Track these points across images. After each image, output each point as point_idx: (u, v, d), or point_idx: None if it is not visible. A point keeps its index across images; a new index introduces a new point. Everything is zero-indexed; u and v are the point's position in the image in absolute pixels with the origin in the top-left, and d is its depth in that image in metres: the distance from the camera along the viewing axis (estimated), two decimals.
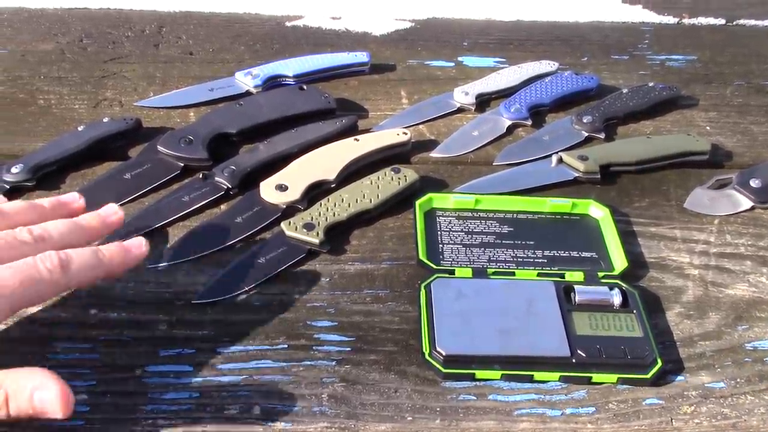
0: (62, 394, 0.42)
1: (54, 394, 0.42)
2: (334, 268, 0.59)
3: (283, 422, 0.48)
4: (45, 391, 0.42)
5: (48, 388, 0.42)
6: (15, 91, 0.78)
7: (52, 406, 0.42)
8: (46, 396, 0.42)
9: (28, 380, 0.42)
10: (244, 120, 0.71)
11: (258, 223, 0.61)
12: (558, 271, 0.58)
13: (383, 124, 0.75)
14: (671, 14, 1.03)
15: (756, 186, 0.67)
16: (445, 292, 0.55)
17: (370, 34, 0.94)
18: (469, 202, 0.64)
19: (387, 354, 0.52)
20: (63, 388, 0.42)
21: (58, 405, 0.42)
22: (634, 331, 0.53)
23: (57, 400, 0.42)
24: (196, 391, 0.49)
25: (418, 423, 0.48)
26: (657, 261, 0.61)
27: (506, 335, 0.52)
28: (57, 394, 0.42)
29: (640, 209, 0.67)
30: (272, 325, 0.54)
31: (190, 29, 0.92)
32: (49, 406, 0.42)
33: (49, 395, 0.42)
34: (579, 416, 0.49)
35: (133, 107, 0.76)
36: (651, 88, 0.80)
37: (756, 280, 0.60)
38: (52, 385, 0.42)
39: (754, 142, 0.77)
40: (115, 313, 0.54)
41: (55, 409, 0.42)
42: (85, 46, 0.87)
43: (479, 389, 0.50)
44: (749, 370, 0.53)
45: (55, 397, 0.42)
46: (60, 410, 0.42)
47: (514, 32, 0.97)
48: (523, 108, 0.76)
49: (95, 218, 0.53)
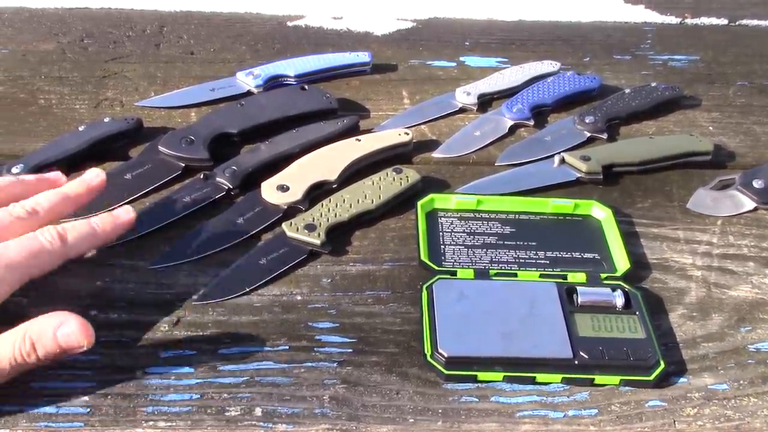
0: (82, 325, 0.46)
1: (74, 327, 0.46)
2: (335, 269, 0.59)
3: (285, 424, 0.47)
4: (66, 326, 0.46)
5: (68, 324, 0.46)
6: (16, 91, 0.78)
7: (75, 338, 0.46)
8: (68, 330, 0.46)
9: (49, 322, 0.46)
10: (246, 120, 0.71)
11: (259, 223, 0.61)
12: (560, 272, 0.58)
13: (385, 125, 0.75)
14: (673, 14, 1.03)
15: (759, 187, 0.67)
16: (447, 294, 0.55)
17: (372, 34, 0.94)
18: (471, 203, 0.64)
19: (389, 356, 0.52)
20: (81, 320, 0.46)
21: (80, 336, 0.46)
22: (636, 333, 0.53)
23: (78, 332, 0.46)
24: (197, 393, 0.49)
25: (419, 425, 0.48)
26: (660, 262, 0.61)
27: (508, 337, 0.52)
28: (77, 327, 0.46)
29: (643, 210, 0.66)
30: (273, 326, 0.54)
31: (191, 29, 0.92)
32: (73, 339, 0.46)
33: (70, 329, 0.46)
34: (581, 418, 0.49)
35: (134, 107, 0.76)
36: (653, 89, 0.80)
37: (759, 282, 0.60)
38: (72, 320, 0.46)
39: (757, 142, 0.77)
40: (116, 314, 0.54)
41: (79, 340, 0.46)
42: (86, 46, 0.87)
43: (481, 391, 0.50)
44: (752, 372, 0.52)
45: (76, 330, 0.46)
46: (83, 340, 0.46)
47: (515, 32, 0.97)
48: (525, 108, 0.76)
49: (80, 185, 0.57)
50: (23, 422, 0.46)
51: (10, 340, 0.46)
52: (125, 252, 0.59)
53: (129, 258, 0.58)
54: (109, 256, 0.58)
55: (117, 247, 0.59)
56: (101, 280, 0.56)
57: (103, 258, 0.58)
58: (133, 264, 0.58)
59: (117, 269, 0.57)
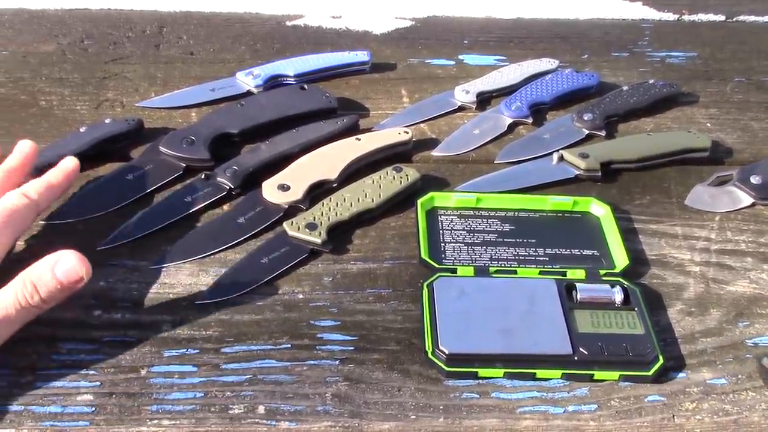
0: (78, 258, 0.48)
1: (71, 261, 0.48)
2: (336, 268, 0.59)
3: (288, 421, 0.48)
4: (62, 262, 0.48)
5: (64, 259, 0.48)
6: (17, 93, 0.78)
7: (74, 271, 0.48)
8: (65, 265, 0.48)
9: (46, 262, 0.48)
10: (246, 120, 0.72)
11: (260, 223, 0.62)
12: (560, 269, 0.59)
13: (384, 123, 0.76)
14: (671, 11, 1.03)
15: (756, 182, 0.67)
16: (447, 291, 0.55)
17: (371, 33, 0.94)
18: (470, 201, 0.64)
19: (390, 353, 0.53)
20: (77, 253, 0.48)
21: (78, 268, 0.48)
22: (635, 329, 0.53)
23: (76, 265, 0.48)
24: (200, 391, 0.49)
25: (421, 421, 0.48)
26: (658, 258, 0.62)
27: (508, 333, 0.52)
28: (74, 260, 0.48)
29: (641, 206, 0.67)
30: (275, 324, 0.54)
31: (190, 29, 0.92)
32: (72, 273, 0.48)
33: (67, 264, 0.48)
34: (581, 413, 0.49)
35: (134, 108, 0.76)
36: (651, 86, 0.81)
37: (757, 277, 0.60)
38: (67, 255, 0.48)
39: (754, 138, 0.77)
40: (119, 314, 0.54)
41: (78, 271, 0.48)
42: (86, 47, 0.87)
43: (482, 387, 0.51)
44: (750, 367, 0.53)
45: (73, 263, 0.48)
46: (82, 271, 0.48)
47: (514, 30, 0.97)
48: (523, 106, 0.77)
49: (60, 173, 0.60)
50: (29, 422, 0.47)
51: (12, 288, 0.48)
52: (128, 252, 0.59)
53: (131, 258, 0.59)
54: (112, 257, 0.59)
55: (120, 248, 0.59)
56: (104, 281, 0.56)
57: (106, 258, 0.58)
58: (135, 264, 0.58)
59: (120, 269, 0.58)
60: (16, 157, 0.60)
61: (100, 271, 0.57)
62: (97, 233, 0.60)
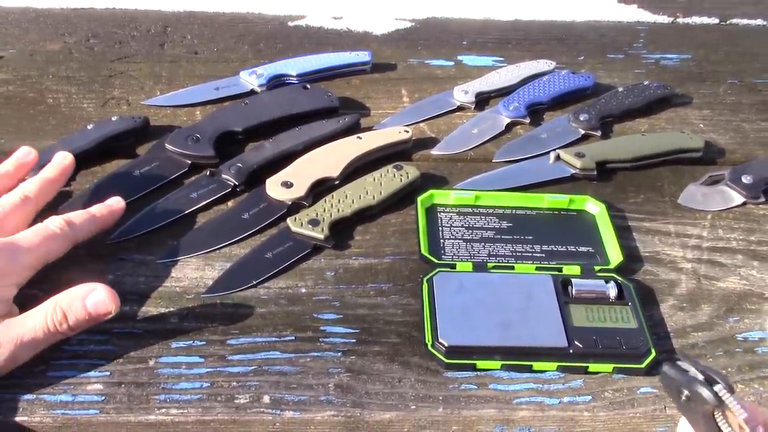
0: (109, 293, 0.50)
1: (102, 294, 0.50)
2: (338, 263, 0.61)
3: (292, 411, 0.49)
4: (94, 295, 0.50)
5: (96, 292, 0.50)
6: (24, 90, 0.79)
7: (103, 305, 0.50)
8: (97, 298, 0.50)
9: (78, 292, 0.50)
10: (250, 118, 0.73)
11: (264, 219, 0.63)
12: (556, 265, 0.60)
13: (385, 123, 0.77)
14: (666, 14, 1.05)
15: (747, 182, 0.69)
16: (446, 286, 0.57)
17: (371, 34, 0.96)
18: (469, 198, 0.66)
19: (391, 345, 0.54)
20: (108, 288, 0.50)
21: (108, 302, 0.50)
22: (629, 323, 0.55)
23: (106, 299, 0.50)
24: (207, 381, 0.51)
25: (421, 411, 0.50)
26: (651, 255, 0.63)
27: (506, 327, 0.54)
28: (105, 295, 0.50)
29: (635, 205, 0.68)
30: (280, 317, 0.56)
31: (194, 29, 0.93)
32: (101, 306, 0.50)
33: (98, 297, 0.50)
34: (576, 404, 0.51)
35: (140, 106, 0.78)
36: (646, 87, 0.82)
37: (747, 273, 0.62)
38: (99, 288, 0.50)
39: (746, 139, 0.79)
40: (128, 307, 0.55)
41: (107, 306, 0.50)
42: (91, 46, 0.88)
43: (480, 379, 0.52)
44: (740, 360, 0.55)
45: (104, 297, 0.50)
46: (111, 306, 0.50)
47: (512, 32, 0.98)
48: (521, 106, 0.78)
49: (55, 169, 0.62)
50: (41, 410, 0.48)
51: (42, 312, 0.49)
52: (135, 247, 0.61)
53: (139, 253, 0.60)
54: (120, 251, 0.60)
55: (127, 242, 0.61)
56: (113, 274, 0.58)
57: (114, 252, 0.60)
58: (143, 258, 0.60)
59: (128, 264, 0.59)
60: (54, 169, 0.62)
61: (109, 265, 0.59)
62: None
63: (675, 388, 0.42)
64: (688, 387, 0.41)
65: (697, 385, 0.41)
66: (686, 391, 0.42)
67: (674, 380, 0.42)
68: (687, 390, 0.41)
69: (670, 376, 0.43)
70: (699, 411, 0.41)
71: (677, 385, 0.42)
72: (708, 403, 0.40)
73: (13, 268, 0.52)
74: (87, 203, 0.63)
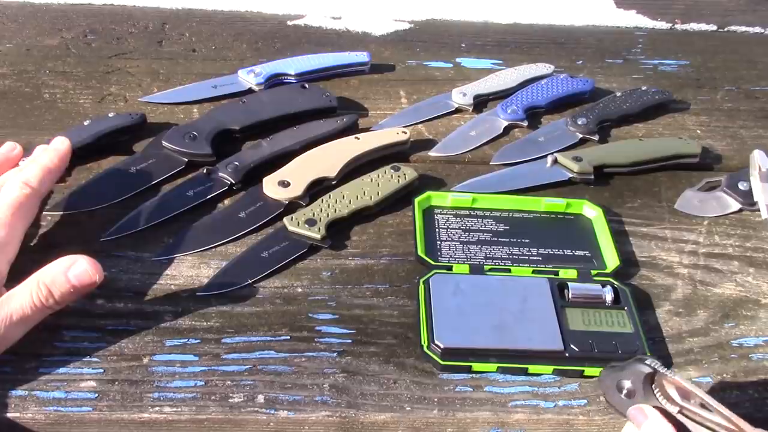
0: (90, 262, 0.50)
1: (84, 265, 0.49)
2: (335, 263, 0.60)
3: (286, 411, 0.49)
4: (75, 266, 0.49)
5: (77, 263, 0.50)
6: (21, 85, 0.79)
7: (86, 275, 0.49)
8: (78, 269, 0.49)
9: (59, 265, 0.50)
10: (247, 117, 0.73)
11: (261, 218, 0.63)
12: (552, 268, 0.60)
13: (383, 123, 0.77)
14: (664, 20, 1.05)
15: (744, 189, 0.69)
16: (443, 288, 0.56)
17: (370, 35, 0.95)
18: (466, 201, 0.65)
19: (386, 346, 0.54)
20: (89, 258, 0.50)
21: (91, 272, 0.50)
22: (625, 327, 0.55)
23: (89, 269, 0.49)
24: (201, 380, 0.51)
25: (416, 413, 0.50)
26: (648, 260, 0.63)
27: (502, 330, 0.54)
28: (87, 265, 0.49)
29: (632, 210, 0.68)
30: (275, 317, 0.55)
31: (192, 26, 0.93)
32: (84, 276, 0.49)
33: (80, 268, 0.49)
34: (571, 408, 0.51)
35: (137, 103, 0.77)
36: (644, 92, 0.82)
37: (743, 280, 0.62)
38: (80, 259, 0.50)
39: (743, 145, 0.79)
40: (122, 304, 0.55)
41: (90, 275, 0.50)
42: (89, 42, 0.88)
43: (475, 381, 0.52)
44: (735, 366, 0.55)
45: (86, 267, 0.49)
46: (95, 275, 0.50)
47: (510, 35, 0.98)
48: (519, 109, 0.78)
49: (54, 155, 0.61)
50: (33, 407, 0.48)
51: (26, 289, 0.49)
52: (131, 244, 0.60)
53: (135, 250, 0.60)
54: (115, 248, 0.60)
55: (123, 239, 0.60)
56: (108, 271, 0.57)
57: (110, 249, 0.59)
58: (138, 256, 0.59)
59: (123, 260, 0.59)
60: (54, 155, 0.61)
61: (104, 261, 0.57)
62: (101, 224, 0.62)
63: (615, 385, 0.46)
64: (625, 372, 0.46)
65: (632, 363, 0.46)
66: (625, 381, 0.46)
67: (612, 376, 0.46)
68: (625, 378, 0.46)
69: (608, 374, 0.47)
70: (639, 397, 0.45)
71: (617, 380, 0.46)
72: (645, 373, 0.45)
73: None
74: (84, 198, 0.63)
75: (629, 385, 0.46)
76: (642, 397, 0.45)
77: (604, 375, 0.47)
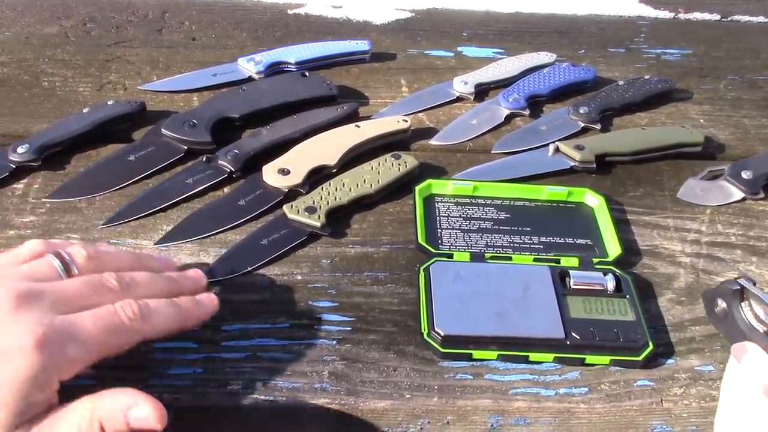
0: (156, 408, 0.42)
1: (148, 411, 0.42)
2: (335, 251, 0.60)
3: (285, 398, 0.49)
4: (138, 409, 0.42)
5: (140, 406, 0.42)
6: (20, 73, 0.79)
7: (148, 423, 0.42)
8: (141, 414, 0.42)
9: (118, 403, 0.42)
10: (247, 105, 0.72)
11: (260, 205, 0.63)
12: (554, 256, 0.60)
13: (383, 112, 0.76)
14: (667, 9, 1.04)
15: (747, 177, 0.69)
16: (443, 275, 0.56)
17: (371, 23, 0.95)
18: (467, 189, 0.65)
19: (386, 334, 0.54)
20: (153, 402, 0.43)
21: (154, 420, 0.42)
22: (626, 315, 0.54)
23: (153, 416, 0.42)
24: (200, 367, 0.50)
25: (416, 400, 0.49)
26: (650, 249, 0.63)
27: (503, 317, 0.53)
28: (151, 411, 0.42)
29: (634, 198, 0.68)
30: (274, 304, 0.55)
31: (192, 15, 0.93)
32: (146, 423, 0.42)
33: (143, 413, 0.42)
34: (572, 396, 0.51)
35: (137, 91, 0.77)
36: (646, 81, 0.82)
37: (746, 269, 0.62)
38: (144, 403, 0.42)
39: (746, 135, 0.78)
40: None
41: (152, 423, 0.42)
42: (88, 30, 0.88)
43: (476, 369, 0.52)
44: None
45: (150, 414, 0.42)
46: (158, 424, 0.42)
47: (512, 23, 0.98)
48: (521, 98, 0.78)
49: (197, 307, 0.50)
50: None
51: (75, 420, 0.42)
52: (130, 231, 0.60)
53: (134, 237, 0.59)
54: (114, 236, 0.59)
55: (122, 227, 0.60)
56: None
57: (109, 237, 0.59)
58: (137, 243, 0.59)
59: (122, 248, 0.58)
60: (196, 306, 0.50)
61: None
62: (100, 212, 0.61)
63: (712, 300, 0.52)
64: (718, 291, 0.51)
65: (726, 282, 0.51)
66: (719, 300, 0.51)
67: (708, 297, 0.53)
68: (719, 297, 0.51)
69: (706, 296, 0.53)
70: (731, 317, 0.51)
71: (713, 299, 0.52)
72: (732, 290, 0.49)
73: (57, 362, 0.42)
74: (83, 186, 0.63)
75: (723, 304, 0.49)
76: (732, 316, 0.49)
77: (705, 297, 0.53)
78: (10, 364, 0.40)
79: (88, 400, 0.42)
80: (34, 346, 0.41)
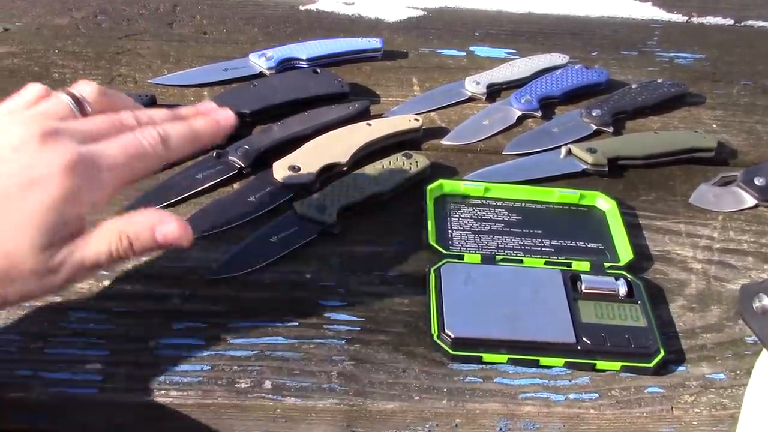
0: (180, 224, 0.45)
1: (173, 225, 0.45)
2: (344, 250, 0.60)
3: (293, 397, 0.49)
4: (165, 225, 0.45)
5: (167, 222, 0.45)
6: (30, 64, 0.78)
7: (175, 237, 0.45)
8: (168, 229, 0.45)
9: (145, 221, 0.45)
10: (258, 101, 0.72)
11: (271, 202, 0.62)
12: (565, 260, 0.59)
13: (395, 110, 0.76)
14: (680, 12, 1.04)
15: (760, 184, 0.68)
16: (454, 277, 0.56)
17: (383, 21, 0.94)
18: (478, 190, 0.65)
19: (396, 335, 0.53)
20: (180, 220, 0.45)
21: (180, 235, 0.45)
22: (638, 321, 0.54)
23: (179, 231, 0.45)
24: (207, 364, 0.50)
25: (425, 402, 0.49)
26: (662, 254, 0.62)
27: (513, 320, 0.53)
28: (176, 225, 0.45)
29: (647, 203, 0.68)
30: (283, 302, 0.55)
31: (203, 9, 0.92)
32: (173, 237, 0.45)
33: (170, 228, 0.45)
34: (582, 401, 0.50)
35: (147, 84, 0.77)
36: (659, 85, 0.81)
37: (758, 276, 0.61)
38: (170, 219, 0.45)
39: (759, 141, 0.78)
40: (130, 286, 0.55)
41: (179, 239, 0.45)
42: (99, 22, 0.87)
43: (485, 372, 0.51)
44: (749, 363, 0.54)
45: (176, 229, 0.45)
46: (182, 240, 0.45)
47: (524, 24, 0.97)
48: (533, 99, 0.77)
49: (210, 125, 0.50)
50: (38, 387, 0.48)
51: (105, 237, 0.44)
52: None
53: None
54: None
55: None
56: None
57: None
58: None
59: None
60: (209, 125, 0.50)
61: None
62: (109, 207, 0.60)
63: (750, 299, 0.51)
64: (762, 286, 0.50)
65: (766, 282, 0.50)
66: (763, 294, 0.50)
67: (750, 288, 0.51)
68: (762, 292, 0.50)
69: (744, 291, 0.51)
70: None
71: (752, 293, 0.50)
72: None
73: (89, 187, 0.43)
74: None
75: (766, 301, 0.48)
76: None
77: (744, 291, 0.51)
78: (42, 186, 0.41)
79: (116, 220, 0.45)
80: (64, 168, 0.42)
